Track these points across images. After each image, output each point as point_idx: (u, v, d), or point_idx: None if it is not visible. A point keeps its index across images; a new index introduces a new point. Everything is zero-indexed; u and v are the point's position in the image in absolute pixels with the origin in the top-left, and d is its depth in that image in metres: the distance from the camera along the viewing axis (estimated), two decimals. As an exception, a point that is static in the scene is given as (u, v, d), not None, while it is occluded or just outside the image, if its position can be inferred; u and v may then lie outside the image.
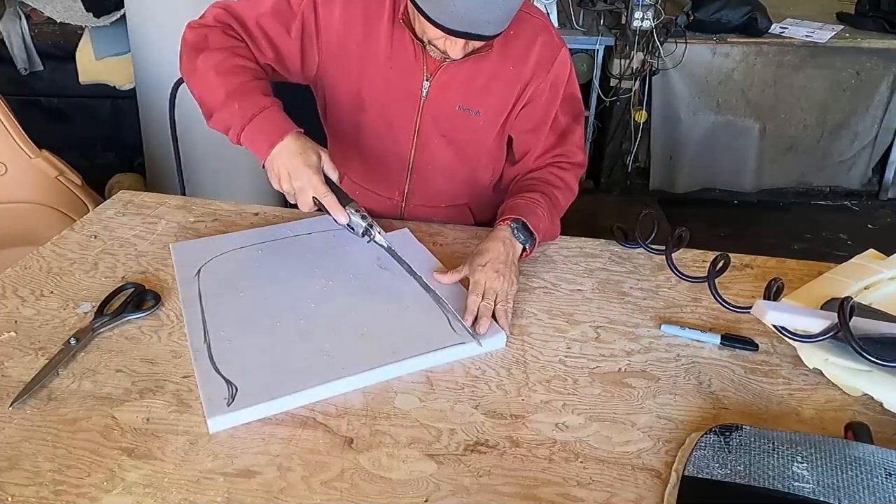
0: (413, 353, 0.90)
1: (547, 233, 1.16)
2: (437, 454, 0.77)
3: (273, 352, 0.90)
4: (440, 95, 1.16)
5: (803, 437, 0.76)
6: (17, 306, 1.00)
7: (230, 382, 0.84)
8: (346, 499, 0.72)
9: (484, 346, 0.93)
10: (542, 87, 1.17)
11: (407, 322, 0.97)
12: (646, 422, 0.83)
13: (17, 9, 2.67)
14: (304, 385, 0.84)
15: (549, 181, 1.21)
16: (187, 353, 0.91)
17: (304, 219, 1.23)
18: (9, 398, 0.82)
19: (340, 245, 1.15)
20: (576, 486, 0.74)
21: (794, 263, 1.17)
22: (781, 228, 3.27)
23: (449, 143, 1.22)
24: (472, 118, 1.18)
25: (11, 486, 0.72)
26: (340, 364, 0.88)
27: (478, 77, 1.15)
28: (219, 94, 1.05)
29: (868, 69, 3.20)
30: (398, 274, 1.06)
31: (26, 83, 2.78)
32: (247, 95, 1.05)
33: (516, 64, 1.15)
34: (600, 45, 3.18)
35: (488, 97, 1.17)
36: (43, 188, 1.82)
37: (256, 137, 1.04)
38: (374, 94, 1.18)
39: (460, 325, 0.96)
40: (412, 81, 1.16)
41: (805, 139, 3.36)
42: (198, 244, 1.15)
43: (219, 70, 1.06)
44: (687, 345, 0.97)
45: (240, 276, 1.06)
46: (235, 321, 0.96)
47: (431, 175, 1.27)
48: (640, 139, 3.34)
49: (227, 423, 0.80)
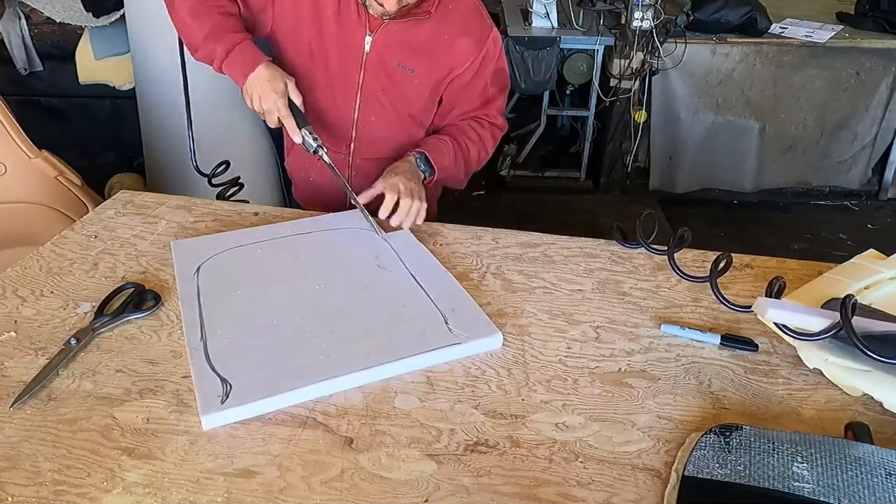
0: (410, 352, 0.90)
1: (449, 172, 1.34)
2: (437, 454, 0.77)
3: (269, 350, 0.90)
4: (381, 51, 1.29)
5: (803, 437, 0.76)
6: (17, 306, 1.00)
7: (225, 380, 0.85)
8: (346, 499, 0.72)
9: (480, 346, 0.93)
10: (473, 63, 1.33)
11: (404, 321, 0.97)
12: (646, 422, 0.83)
13: (17, 9, 2.66)
14: (299, 383, 0.84)
15: (464, 131, 1.39)
16: (187, 353, 0.91)
17: (304, 218, 1.24)
18: (9, 398, 0.82)
19: (339, 244, 1.16)
20: (576, 486, 0.74)
21: (794, 263, 1.17)
22: (781, 228, 3.27)
23: (388, 99, 1.35)
24: (408, 75, 1.32)
25: (11, 486, 0.72)
26: (337, 363, 0.88)
27: (414, 39, 1.29)
28: (198, 34, 1.24)
29: (868, 69, 3.20)
30: (397, 273, 1.07)
31: (26, 83, 2.77)
32: (222, 34, 1.22)
33: (451, 35, 1.30)
34: (600, 45, 3.19)
35: (423, 59, 1.31)
36: (43, 188, 1.81)
37: (234, 67, 1.23)
38: (323, 48, 1.30)
39: (456, 324, 0.96)
40: (355, 37, 1.28)
41: (805, 139, 3.36)
42: (198, 242, 1.16)
43: (194, 12, 1.23)
44: (687, 345, 0.97)
45: (238, 275, 1.06)
46: (233, 319, 0.96)
47: (374, 128, 1.38)
48: (639, 139, 3.34)
49: (221, 420, 0.80)
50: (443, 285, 1.05)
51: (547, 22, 3.21)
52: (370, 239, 1.18)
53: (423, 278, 1.06)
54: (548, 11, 3.19)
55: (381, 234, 1.17)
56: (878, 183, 3.52)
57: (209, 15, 1.23)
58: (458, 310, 0.98)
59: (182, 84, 1.59)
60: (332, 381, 0.85)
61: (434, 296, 1.01)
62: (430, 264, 1.11)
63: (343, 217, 1.25)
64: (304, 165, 1.47)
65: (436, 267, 1.10)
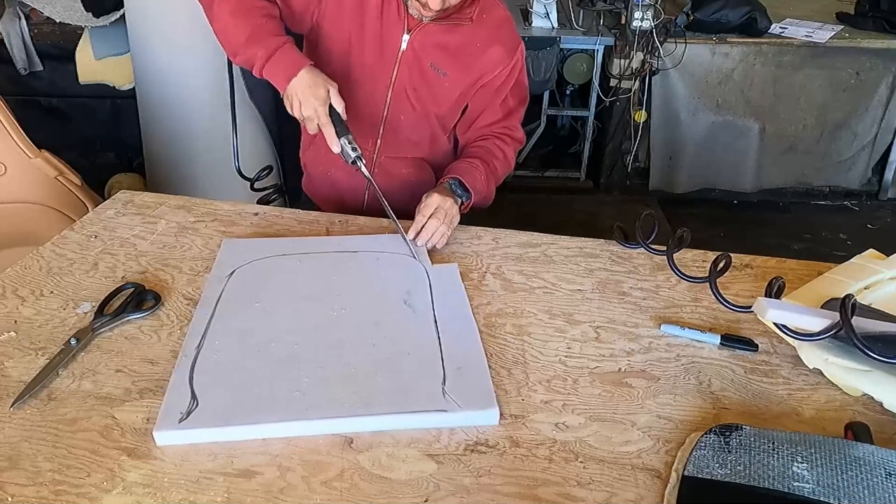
0: (386, 409, 0.82)
1: (482, 194, 1.32)
2: (437, 454, 0.77)
3: (252, 374, 0.87)
4: (417, 50, 1.30)
5: (803, 437, 0.76)
6: (17, 306, 1.00)
7: (195, 397, 0.82)
8: (346, 499, 0.72)
9: (471, 419, 0.82)
10: (503, 72, 1.34)
11: (397, 371, 0.88)
12: (646, 422, 0.83)
13: (17, 9, 2.66)
14: (259, 418, 0.80)
15: (491, 151, 1.38)
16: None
17: (358, 235, 1.22)
18: (9, 398, 0.82)
19: (378, 270, 1.11)
20: (576, 486, 0.74)
21: (793, 263, 1.17)
22: (781, 228, 3.27)
23: (418, 98, 1.35)
24: (440, 78, 1.33)
25: (11, 486, 0.72)
26: (306, 404, 0.82)
27: (450, 42, 1.30)
28: (239, 37, 1.21)
29: (868, 69, 3.19)
30: (419, 314, 1.00)
31: (26, 83, 2.77)
32: (263, 37, 1.20)
33: (483, 43, 1.31)
34: (600, 45, 3.18)
35: (456, 63, 1.32)
36: (43, 188, 1.81)
37: (275, 72, 1.19)
38: (361, 42, 1.30)
39: (453, 388, 0.85)
40: (394, 34, 1.29)
41: (805, 139, 3.36)
42: (247, 244, 1.17)
43: (235, 14, 1.21)
44: (687, 345, 0.97)
45: (265, 286, 1.05)
46: (234, 333, 0.94)
47: (402, 126, 1.38)
48: (639, 139, 3.34)
49: (172, 439, 0.78)
50: (461, 338, 0.95)
51: (547, 22, 3.21)
52: (412, 270, 1.11)
53: (444, 325, 0.97)
54: (548, 11, 3.19)
55: (425, 264, 1.12)
56: (878, 183, 3.51)
57: (250, 16, 1.21)
58: (465, 370, 0.88)
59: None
60: (295, 424, 0.80)
61: (446, 348, 0.92)
62: (461, 312, 1.01)
63: (392, 240, 1.19)
64: (324, 161, 1.44)
65: (465, 316, 1.00)
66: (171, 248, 1.17)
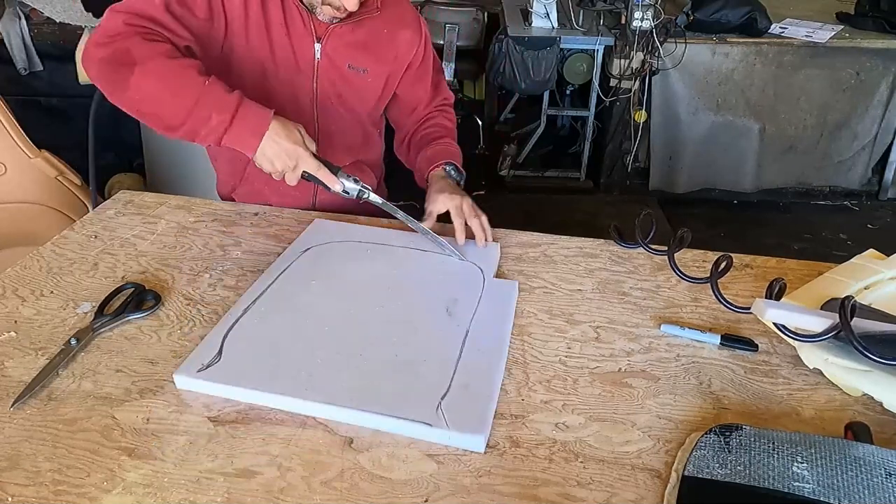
0: (376, 409, 0.81)
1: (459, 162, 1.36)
2: (437, 454, 0.77)
3: (274, 345, 0.91)
4: (331, 56, 1.26)
5: (803, 437, 0.76)
6: (17, 306, 1.00)
7: (220, 354, 0.89)
8: (346, 499, 0.72)
9: (455, 440, 0.79)
10: (418, 51, 1.36)
11: (408, 375, 0.87)
12: (646, 422, 0.83)
13: (17, 9, 2.66)
14: (264, 387, 0.83)
15: (445, 126, 1.43)
16: (187, 353, 0.91)
17: (444, 237, 1.18)
18: (9, 398, 0.82)
19: (437, 273, 1.09)
20: (576, 486, 0.74)
21: (793, 263, 1.17)
22: (781, 228, 3.27)
23: (343, 103, 1.32)
24: (360, 76, 1.30)
25: (11, 486, 0.72)
26: (306, 385, 0.84)
27: (360, 38, 1.28)
28: (178, 108, 1.03)
29: (868, 69, 3.20)
30: (454, 326, 0.96)
31: (26, 83, 2.77)
32: (212, 99, 1.04)
33: (389, 29, 1.30)
34: (600, 45, 3.19)
35: (371, 56, 1.30)
36: (43, 188, 1.82)
37: (241, 136, 1.06)
38: (274, 63, 1.24)
39: (450, 405, 0.82)
40: (305, 46, 1.24)
41: (805, 139, 3.36)
42: (334, 226, 1.23)
43: (167, 82, 1.04)
44: (687, 345, 0.97)
45: (326, 268, 1.09)
46: (280, 305, 0.99)
47: (333, 137, 1.34)
48: (639, 139, 3.34)
49: (187, 385, 0.85)
50: (484, 356, 0.91)
51: (547, 22, 3.21)
52: (471, 280, 1.08)
53: (472, 341, 0.93)
54: (548, 11, 3.19)
55: (487, 277, 1.09)
56: (878, 183, 3.52)
57: (188, 77, 1.04)
58: (471, 388, 0.84)
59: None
60: (291, 400, 0.82)
61: (463, 363, 0.89)
62: (497, 332, 0.96)
63: (467, 246, 1.17)
64: (261, 193, 1.37)
65: (499, 337, 0.95)
66: (171, 248, 1.17)
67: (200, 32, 1.16)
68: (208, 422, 0.81)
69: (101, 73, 1.07)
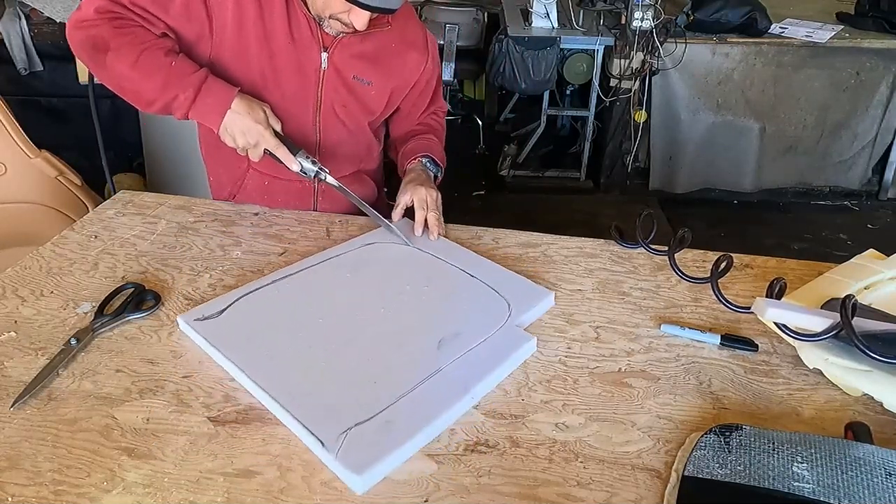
0: (298, 412, 0.79)
1: (442, 161, 1.39)
2: (437, 454, 0.77)
3: (270, 325, 0.94)
4: (338, 66, 1.26)
5: (803, 437, 0.76)
6: (17, 306, 1.00)
7: (223, 312, 0.95)
8: (345, 499, 0.72)
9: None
10: (425, 70, 1.37)
11: (351, 391, 0.83)
12: (646, 422, 0.83)
13: (17, 9, 2.67)
14: (244, 366, 0.86)
15: (430, 124, 1.46)
16: (187, 353, 0.91)
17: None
18: (9, 398, 0.82)
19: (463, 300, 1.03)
20: (576, 486, 0.74)
21: (793, 263, 1.17)
22: (781, 228, 3.27)
23: (348, 114, 1.32)
24: (365, 88, 1.31)
25: (11, 486, 0.72)
26: (280, 380, 0.84)
27: (367, 50, 1.28)
28: (151, 87, 1.13)
29: (868, 69, 3.20)
30: (434, 358, 0.89)
31: (26, 83, 2.78)
32: (177, 78, 1.12)
33: (397, 45, 1.31)
34: (600, 45, 3.19)
35: (377, 69, 1.30)
36: (43, 188, 1.81)
37: (206, 111, 1.14)
38: (276, 70, 1.24)
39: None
40: (312, 55, 1.24)
41: (805, 139, 3.36)
42: (410, 229, 1.22)
43: (136, 65, 1.12)
44: (687, 345, 0.97)
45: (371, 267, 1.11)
46: (306, 289, 1.02)
47: (336, 147, 1.35)
48: (639, 139, 3.34)
49: (184, 329, 0.93)
50: (438, 399, 0.83)
51: (547, 22, 3.22)
52: (494, 320, 0.98)
53: (439, 380, 0.86)
54: (548, 11, 3.19)
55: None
56: (878, 183, 3.52)
57: (155, 60, 1.12)
58: (395, 426, 0.78)
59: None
60: (247, 381, 0.85)
61: (410, 398, 0.82)
62: (477, 376, 0.87)
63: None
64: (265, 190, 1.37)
65: (478, 383, 0.86)
66: (171, 248, 1.17)
67: (176, 28, 1.18)
68: (208, 422, 0.81)
69: (81, 55, 1.17)
